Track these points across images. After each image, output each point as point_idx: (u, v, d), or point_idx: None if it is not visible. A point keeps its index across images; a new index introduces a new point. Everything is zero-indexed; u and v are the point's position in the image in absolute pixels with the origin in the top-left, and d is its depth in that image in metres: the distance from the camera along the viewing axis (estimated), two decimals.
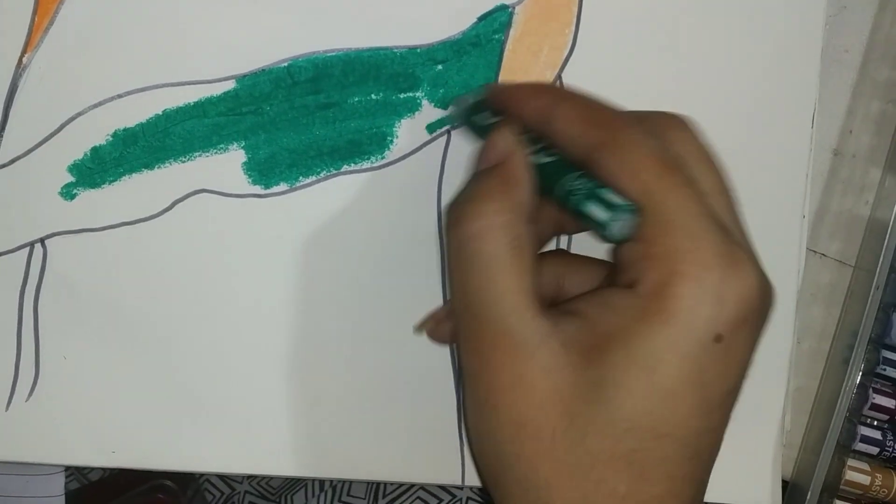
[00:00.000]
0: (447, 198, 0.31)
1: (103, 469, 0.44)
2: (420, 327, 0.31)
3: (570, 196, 0.24)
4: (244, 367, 0.30)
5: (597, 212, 0.24)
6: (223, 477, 0.46)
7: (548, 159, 0.25)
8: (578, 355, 0.23)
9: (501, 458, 0.24)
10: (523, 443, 0.23)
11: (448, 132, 0.31)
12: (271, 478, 0.45)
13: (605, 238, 0.24)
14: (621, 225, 0.23)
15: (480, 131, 0.28)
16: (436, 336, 0.30)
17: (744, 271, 0.22)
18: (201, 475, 0.46)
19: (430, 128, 0.31)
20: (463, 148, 0.30)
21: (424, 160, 0.31)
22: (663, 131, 0.25)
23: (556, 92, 0.27)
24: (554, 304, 0.25)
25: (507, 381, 0.23)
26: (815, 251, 0.35)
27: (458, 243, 0.25)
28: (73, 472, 0.43)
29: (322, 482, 0.44)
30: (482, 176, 0.26)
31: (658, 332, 0.22)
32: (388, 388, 0.31)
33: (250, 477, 0.45)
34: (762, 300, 0.23)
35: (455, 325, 0.26)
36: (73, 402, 0.30)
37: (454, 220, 0.25)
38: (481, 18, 0.30)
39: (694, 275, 0.22)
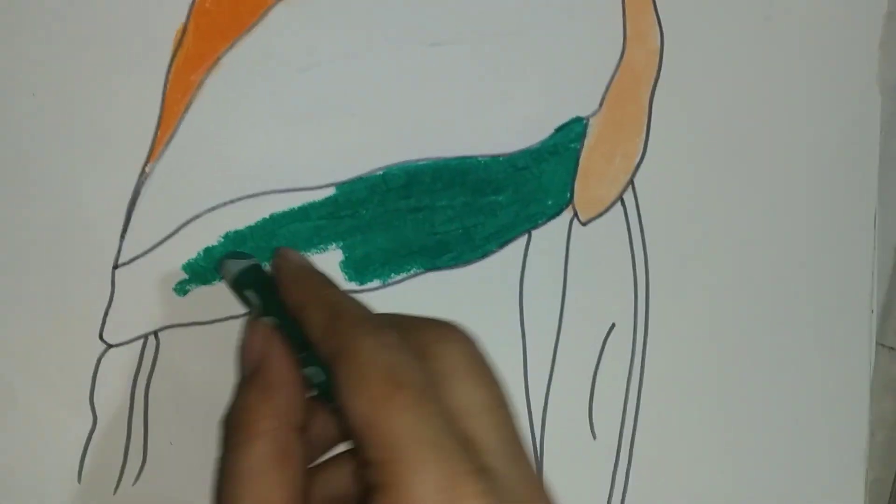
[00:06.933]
0: (528, 293, 0.33)
1: None
2: None
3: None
4: None
5: None
6: None
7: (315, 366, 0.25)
8: None
9: None
10: None
11: (529, 231, 0.33)
12: None
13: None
14: None
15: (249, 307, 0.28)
16: None
17: None
18: None
19: (511, 228, 0.33)
20: (544, 245, 0.33)
21: (507, 258, 0.33)
22: (428, 343, 0.24)
23: (308, 288, 0.26)
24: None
25: None
26: (883, 345, 0.36)
27: (221, 454, 0.24)
28: None
29: None
30: (245, 381, 0.25)
31: None
32: None
33: None
34: None
35: None
36: (178, 488, 0.31)
37: (221, 435, 0.25)
38: (559, 129, 0.33)
39: None
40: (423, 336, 0.24)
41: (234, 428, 0.24)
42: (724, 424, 0.34)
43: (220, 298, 0.32)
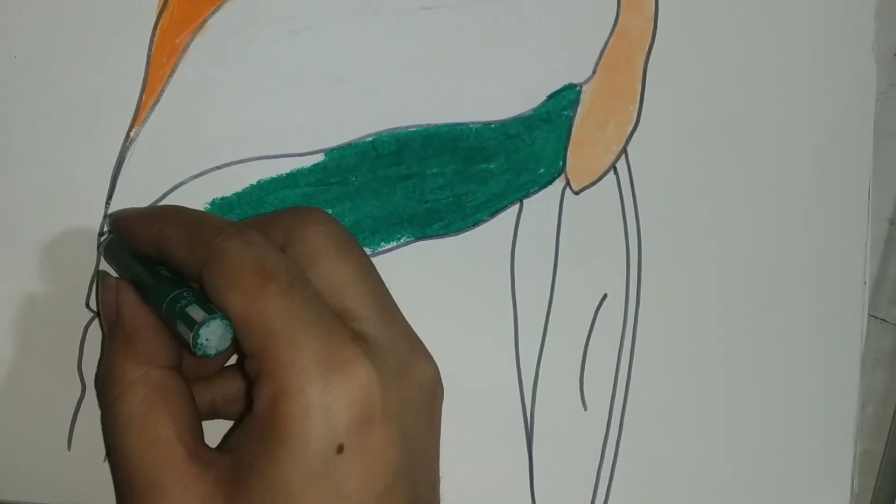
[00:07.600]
0: (519, 262, 0.32)
1: None
2: None
3: (168, 319, 0.24)
4: None
5: (183, 331, 0.23)
6: None
7: (153, 282, 0.25)
8: (226, 493, 0.22)
9: None
10: None
11: (520, 200, 0.32)
12: None
13: (201, 358, 0.23)
14: (207, 342, 0.23)
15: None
16: None
17: (349, 372, 0.22)
18: None
19: (502, 197, 0.32)
20: (535, 215, 0.32)
21: (498, 226, 0.32)
22: (290, 231, 0.25)
23: (163, 215, 0.27)
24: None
25: None
26: (875, 317, 0.36)
27: (102, 413, 0.25)
28: None
29: None
30: (108, 337, 0.26)
31: (281, 457, 0.21)
32: (460, 438, 0.32)
33: None
34: (381, 395, 0.22)
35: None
36: None
37: (97, 394, 0.26)
38: (551, 96, 0.32)
39: (296, 389, 0.21)
40: (284, 225, 0.25)
41: (106, 385, 0.25)
42: (715, 396, 0.34)
43: None
